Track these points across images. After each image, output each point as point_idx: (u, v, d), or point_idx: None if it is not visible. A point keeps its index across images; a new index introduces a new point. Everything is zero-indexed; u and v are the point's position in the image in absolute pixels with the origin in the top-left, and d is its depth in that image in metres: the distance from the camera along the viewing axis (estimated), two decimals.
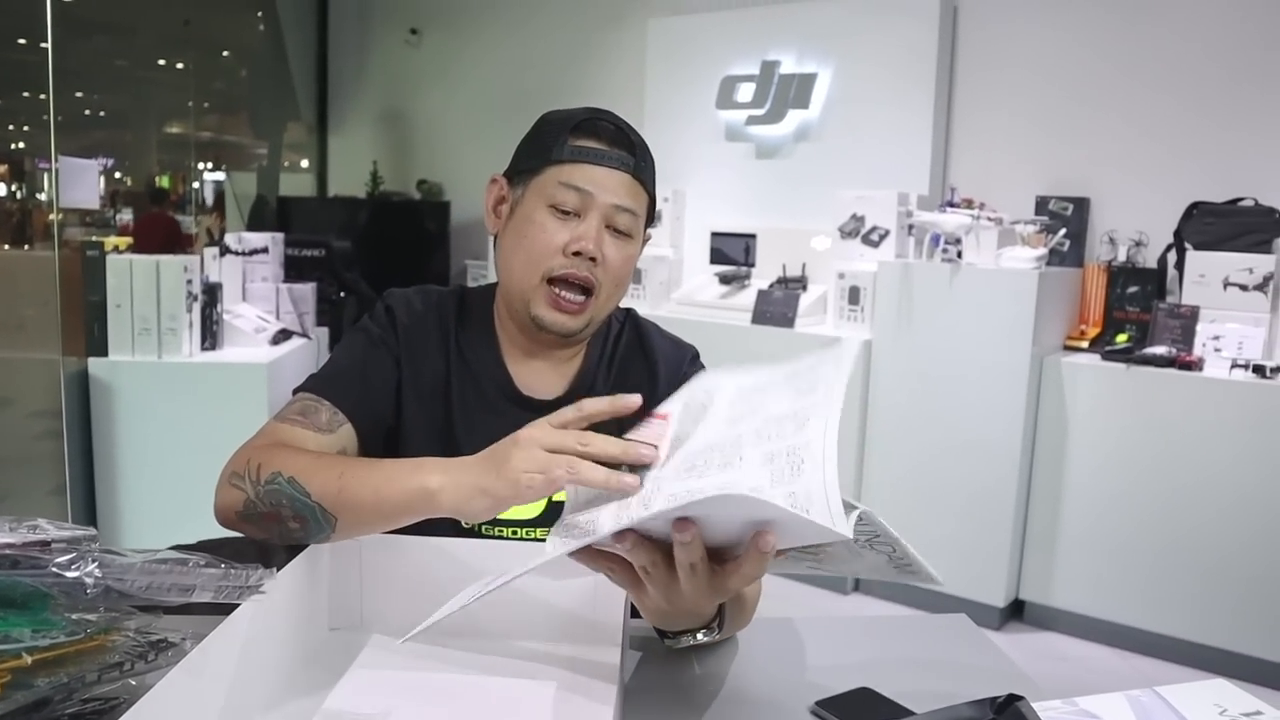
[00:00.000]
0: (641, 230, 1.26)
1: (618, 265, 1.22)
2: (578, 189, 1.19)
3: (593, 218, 1.19)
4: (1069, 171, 3.84)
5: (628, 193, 1.21)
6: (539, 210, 1.20)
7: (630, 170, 1.21)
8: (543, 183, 1.21)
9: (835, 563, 0.86)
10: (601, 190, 1.19)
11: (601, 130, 1.21)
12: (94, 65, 5.42)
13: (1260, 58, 3.44)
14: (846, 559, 0.85)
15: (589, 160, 1.19)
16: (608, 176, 1.19)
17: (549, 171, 1.20)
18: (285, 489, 1.04)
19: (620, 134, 1.22)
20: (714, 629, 0.98)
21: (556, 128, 1.22)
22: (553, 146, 1.20)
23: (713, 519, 0.75)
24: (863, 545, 0.81)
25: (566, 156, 1.19)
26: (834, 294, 3.81)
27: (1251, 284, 3.31)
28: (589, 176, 1.19)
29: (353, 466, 1.04)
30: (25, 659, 0.71)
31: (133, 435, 3.25)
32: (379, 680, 0.96)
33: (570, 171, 1.19)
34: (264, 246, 3.95)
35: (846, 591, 3.76)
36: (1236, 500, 3.05)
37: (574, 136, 1.20)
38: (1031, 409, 3.38)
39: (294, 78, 6.44)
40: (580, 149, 1.20)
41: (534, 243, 1.20)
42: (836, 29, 4.23)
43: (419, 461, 0.99)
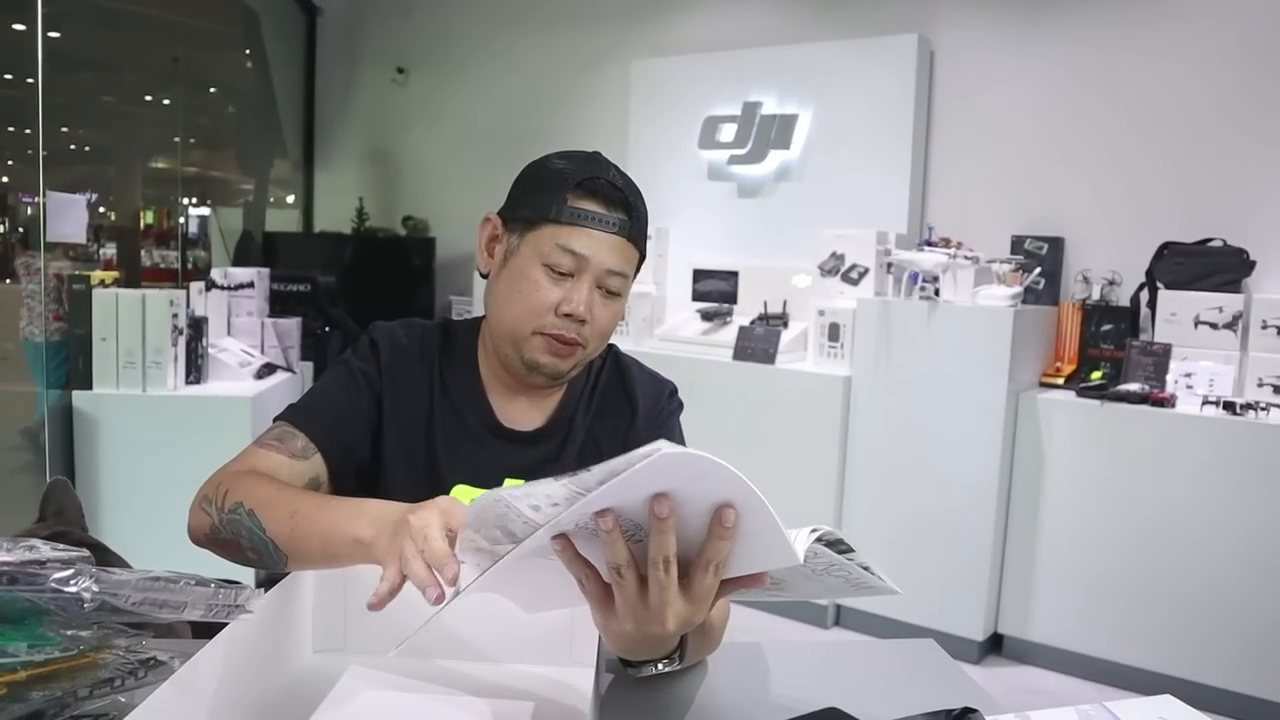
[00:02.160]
0: (629, 286, 1.30)
1: (604, 322, 1.27)
2: (574, 253, 1.21)
3: (585, 280, 1.22)
4: (1044, 211, 3.93)
5: (620, 256, 1.24)
6: (534, 268, 1.23)
7: (625, 234, 1.24)
8: (539, 239, 1.23)
9: (795, 588, 0.89)
10: (596, 254, 1.22)
11: (600, 191, 1.23)
12: (81, 101, 5.46)
13: (1230, 102, 3.54)
14: (805, 584, 0.87)
15: (586, 224, 1.22)
16: (604, 241, 1.22)
17: (546, 230, 1.22)
18: (244, 521, 1.08)
19: (618, 194, 1.23)
20: (675, 659, 0.99)
21: (556, 182, 1.23)
22: (552, 204, 1.22)
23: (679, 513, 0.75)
24: (820, 573, 0.84)
25: (565, 218, 1.21)
26: (814, 331, 3.86)
27: (1221, 322, 3.38)
28: (585, 241, 1.21)
29: (305, 506, 1.06)
30: (20, 674, 0.74)
31: (116, 468, 3.25)
32: (362, 702, 0.98)
33: (568, 235, 1.21)
34: (250, 281, 3.98)
35: (827, 625, 3.78)
36: (1210, 534, 3.10)
37: (574, 197, 1.22)
38: (1008, 445, 3.43)
39: (281, 115, 6.50)
40: (579, 212, 1.21)
41: (529, 300, 1.23)
42: (817, 71, 4.32)
43: (361, 508, 1.01)
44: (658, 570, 0.78)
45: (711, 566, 0.79)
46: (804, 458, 3.72)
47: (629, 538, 0.78)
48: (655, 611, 0.80)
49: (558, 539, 0.80)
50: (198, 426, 3.30)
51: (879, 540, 3.61)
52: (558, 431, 1.35)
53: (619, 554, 0.78)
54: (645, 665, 1.00)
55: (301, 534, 1.03)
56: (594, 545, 0.79)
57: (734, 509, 0.74)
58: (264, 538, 1.06)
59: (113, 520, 3.24)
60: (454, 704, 0.99)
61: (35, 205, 4.25)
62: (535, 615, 0.99)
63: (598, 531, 0.77)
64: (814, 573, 0.83)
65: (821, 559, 0.80)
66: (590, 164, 1.25)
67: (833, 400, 3.68)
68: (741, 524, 0.75)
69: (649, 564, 0.78)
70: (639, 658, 1.00)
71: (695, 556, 0.79)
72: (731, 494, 0.73)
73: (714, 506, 0.75)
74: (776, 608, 3.74)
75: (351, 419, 1.28)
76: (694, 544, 0.78)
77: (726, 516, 0.74)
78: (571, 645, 1.06)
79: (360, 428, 1.29)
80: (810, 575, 0.83)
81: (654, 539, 0.76)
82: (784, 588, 0.88)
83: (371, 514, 0.98)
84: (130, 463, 3.26)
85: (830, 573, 0.83)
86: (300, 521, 1.04)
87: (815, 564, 0.80)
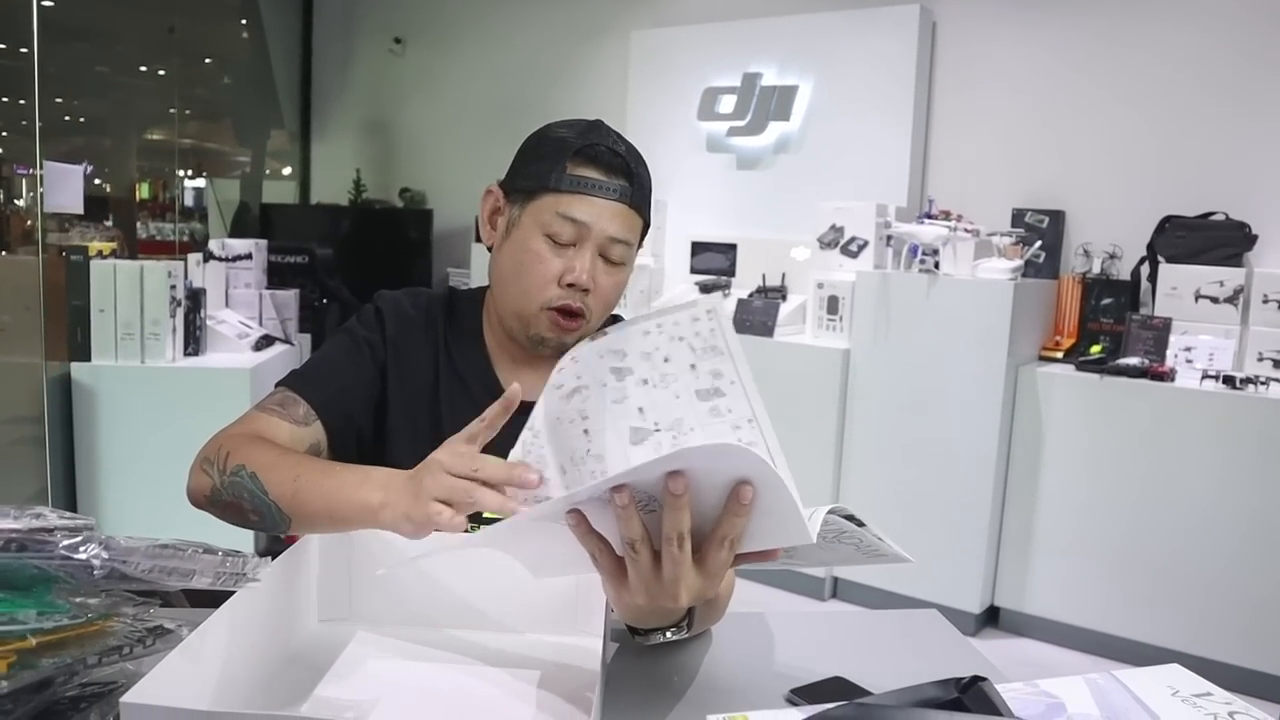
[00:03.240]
0: (634, 254, 1.28)
1: (608, 290, 1.25)
2: (574, 221, 1.19)
3: (587, 249, 1.20)
4: (1044, 185, 3.91)
5: (623, 223, 1.22)
6: (535, 239, 1.21)
7: (627, 200, 1.21)
8: (539, 209, 1.21)
9: (806, 555, 0.89)
10: (597, 222, 1.20)
11: (600, 158, 1.20)
12: (76, 71, 5.42)
13: (1232, 76, 3.52)
14: (816, 552, 0.88)
15: (586, 191, 1.19)
16: (605, 208, 1.20)
17: (546, 199, 1.20)
18: (246, 483, 1.07)
19: (619, 161, 1.21)
20: (683, 627, 1.00)
21: (556, 150, 1.21)
22: (551, 172, 1.20)
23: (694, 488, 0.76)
24: (831, 540, 0.84)
25: (565, 186, 1.19)
26: (813, 303, 3.85)
27: (1222, 296, 3.38)
28: (586, 209, 1.19)
29: (309, 470, 1.05)
30: (30, 641, 0.74)
31: (115, 440, 3.26)
32: (367, 671, 0.99)
33: (568, 203, 1.19)
34: (247, 253, 3.97)
35: (824, 598, 3.80)
36: (1208, 508, 3.11)
37: (573, 164, 1.20)
38: (1007, 418, 3.44)
39: (278, 85, 6.45)
40: (579, 179, 1.19)
41: (531, 273, 1.22)
42: (817, 42, 4.29)
43: (367, 474, 1.00)
44: (671, 546, 0.79)
45: (726, 542, 0.79)
46: (802, 430, 3.73)
47: (642, 508, 0.79)
48: (668, 586, 0.81)
49: (572, 513, 0.81)
50: (196, 398, 3.30)
51: (877, 513, 3.60)
52: None
53: (634, 530, 0.79)
54: (653, 633, 1.01)
55: (305, 498, 1.03)
56: (607, 517, 0.79)
57: (752, 486, 0.74)
58: (266, 500, 1.06)
59: (111, 491, 3.25)
60: (462, 671, 0.99)
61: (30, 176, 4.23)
62: (542, 583, 0.99)
63: (613, 506, 0.77)
64: (826, 541, 0.83)
65: (832, 526, 0.80)
66: (591, 131, 1.23)
67: (831, 373, 3.68)
68: (758, 500, 0.75)
69: (663, 540, 0.79)
70: (647, 626, 1.00)
71: (710, 531, 0.80)
72: (750, 472, 0.74)
73: (730, 482, 0.75)
74: (773, 580, 3.76)
75: (354, 388, 1.27)
76: (709, 518, 0.79)
77: (744, 494, 0.75)
78: (576, 614, 1.06)
79: (363, 397, 1.28)
80: (822, 543, 0.83)
81: (669, 515, 0.77)
82: (795, 555, 0.89)
83: (379, 479, 0.98)
84: (129, 434, 3.26)
85: (841, 540, 0.83)
86: (305, 485, 1.03)
87: (826, 531, 0.80)
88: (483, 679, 0.98)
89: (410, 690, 0.95)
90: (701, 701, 0.97)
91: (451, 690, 0.96)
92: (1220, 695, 0.74)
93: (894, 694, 0.69)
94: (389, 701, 0.92)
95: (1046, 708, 0.71)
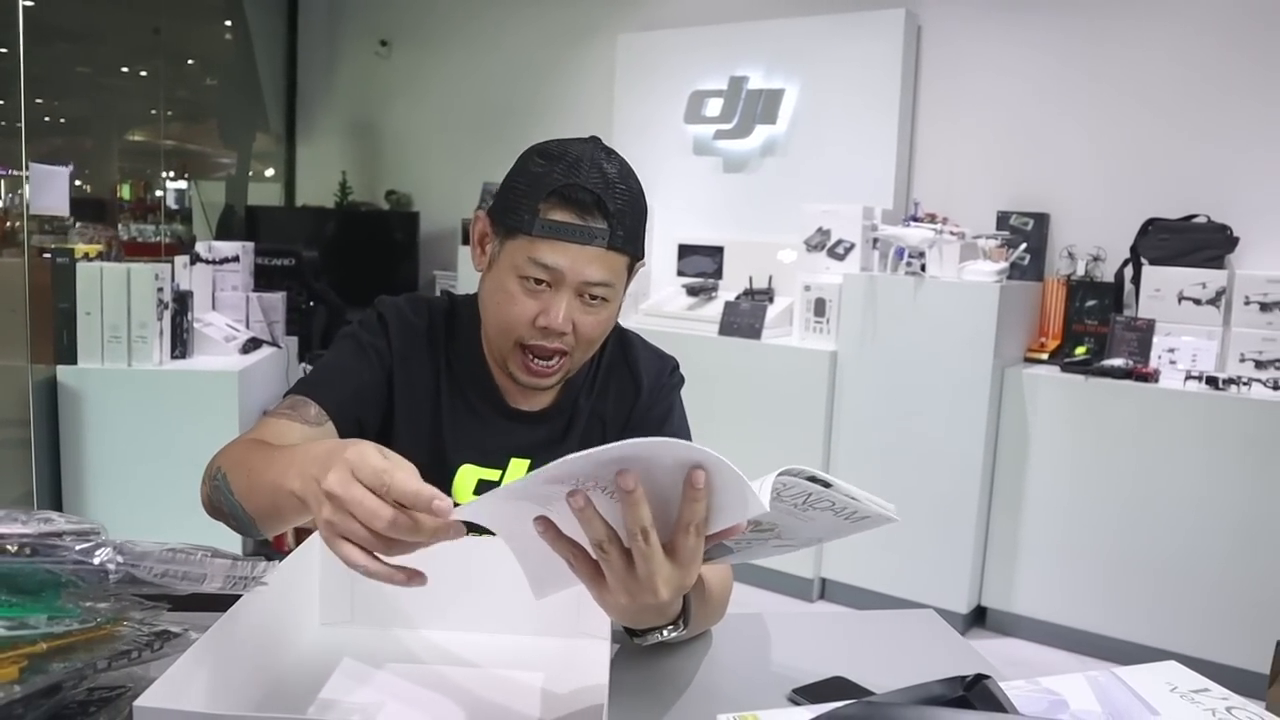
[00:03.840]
0: (621, 289, 1.23)
1: (589, 329, 1.21)
2: (547, 267, 1.15)
3: (563, 293, 1.17)
4: (1029, 188, 3.94)
5: (601, 267, 1.16)
6: (510, 279, 1.18)
7: (605, 244, 1.15)
8: (514, 250, 1.17)
9: (792, 534, 0.89)
10: (572, 268, 1.15)
11: (575, 200, 1.14)
12: (59, 72, 5.39)
13: (1215, 81, 3.56)
14: (798, 527, 0.88)
15: (560, 237, 1.14)
16: (580, 254, 1.15)
17: (520, 241, 1.16)
18: (221, 486, 1.07)
19: (596, 204, 1.14)
20: (679, 625, 0.99)
21: (532, 189, 1.16)
22: (525, 213, 1.15)
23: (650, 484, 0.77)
24: (803, 508, 0.84)
25: (537, 231, 1.14)
26: (800, 306, 3.87)
27: (1205, 298, 3.42)
28: (559, 255, 1.15)
29: (258, 462, 1.01)
30: (41, 645, 0.74)
31: (101, 443, 3.24)
32: (370, 673, 0.99)
33: (542, 250, 1.15)
34: (234, 255, 3.95)
35: (812, 599, 3.81)
36: (1192, 507, 3.14)
37: (546, 207, 1.14)
38: (993, 419, 3.46)
39: (263, 87, 6.43)
40: (551, 225, 1.14)
41: (506, 313, 1.20)
42: (804, 46, 4.31)
43: (292, 458, 0.92)
44: (637, 541, 0.79)
45: (691, 528, 0.80)
46: (790, 432, 3.74)
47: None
48: (645, 581, 0.81)
49: (539, 520, 0.82)
50: (184, 401, 3.29)
51: None
52: (563, 411, 1.35)
53: (597, 530, 0.79)
54: (650, 633, 1.00)
55: (254, 490, 1.00)
56: (575, 521, 0.80)
57: (703, 469, 0.76)
58: (234, 501, 1.04)
59: (98, 495, 3.24)
60: (466, 674, 1.00)
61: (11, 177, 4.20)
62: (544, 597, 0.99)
63: (572, 510, 0.78)
64: (798, 509, 0.83)
65: (793, 490, 0.80)
66: (572, 167, 1.15)
67: (819, 375, 3.70)
68: (711, 481, 0.77)
69: (628, 536, 0.79)
70: (642, 626, 1.00)
71: (674, 520, 0.80)
72: (690, 456, 0.76)
73: (679, 470, 0.77)
74: (762, 581, 3.77)
75: (364, 391, 1.27)
76: (671, 507, 0.80)
77: (697, 478, 0.76)
78: (580, 616, 1.07)
79: (372, 401, 1.28)
80: (796, 513, 0.84)
81: (627, 512, 0.78)
82: (782, 535, 0.89)
83: (302, 463, 0.89)
84: (115, 437, 3.25)
85: (815, 506, 0.83)
86: (254, 479, 1.00)
87: (792, 497, 0.81)
88: (488, 681, 0.98)
89: (415, 692, 0.95)
90: (704, 702, 0.98)
91: (456, 692, 0.96)
92: (1217, 691, 0.76)
93: (900, 692, 0.70)
94: (395, 702, 0.93)
95: (1050, 704, 0.72)
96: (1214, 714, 0.72)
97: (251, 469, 1.02)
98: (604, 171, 1.16)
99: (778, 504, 0.80)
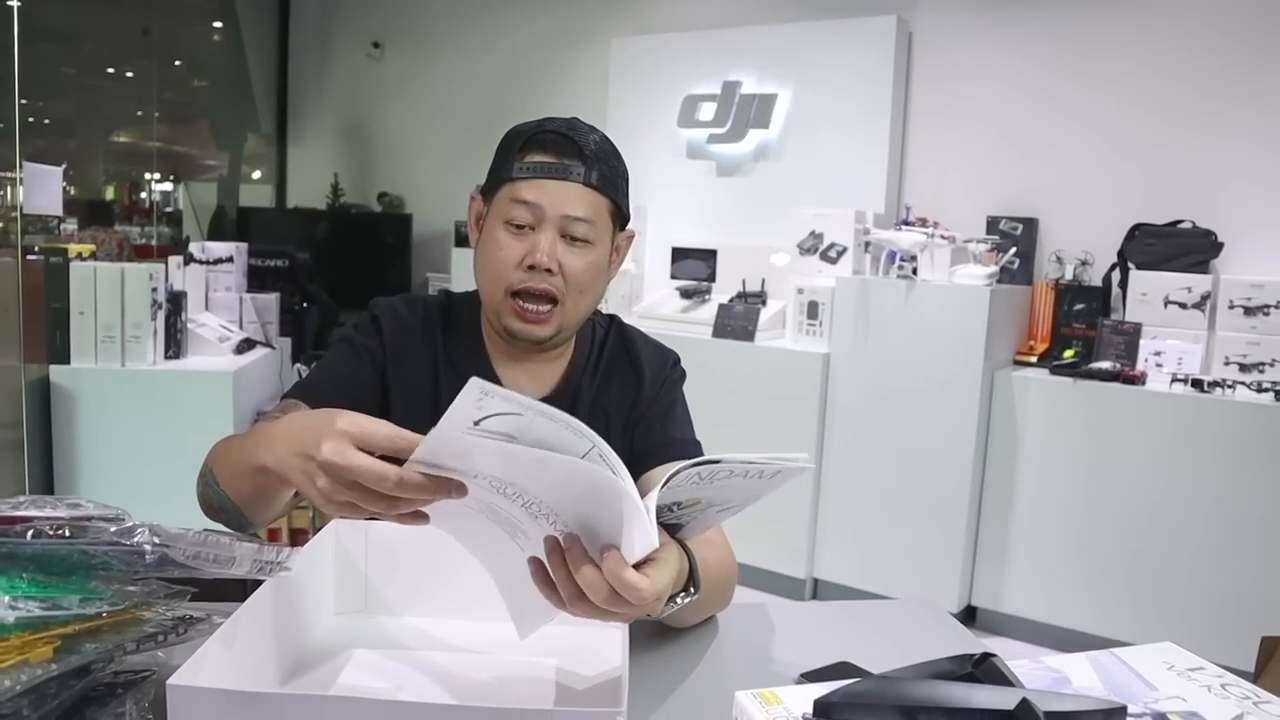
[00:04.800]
0: (606, 237, 1.28)
1: (578, 272, 1.25)
2: (527, 203, 1.22)
3: (546, 230, 1.22)
4: (1018, 193, 3.99)
5: (580, 202, 1.23)
6: (498, 228, 1.24)
7: (581, 180, 1.22)
8: (499, 200, 1.25)
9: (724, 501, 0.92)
10: (552, 203, 1.22)
11: (549, 143, 1.23)
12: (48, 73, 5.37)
13: (1200, 88, 3.61)
14: (725, 496, 0.90)
15: (538, 175, 1.22)
16: (558, 189, 1.22)
17: (504, 189, 1.24)
18: (209, 480, 1.08)
19: (569, 144, 1.23)
20: (690, 591, 0.97)
21: (511, 144, 1.26)
22: (505, 164, 1.24)
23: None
24: (708, 484, 0.87)
25: (517, 174, 1.22)
26: (793, 309, 3.90)
27: (1190, 302, 3.46)
28: (538, 191, 1.22)
29: (239, 446, 1.03)
30: (71, 627, 0.76)
31: (95, 443, 3.24)
32: (384, 662, 1.01)
33: (521, 188, 1.22)
34: (228, 256, 3.96)
35: (804, 598, 3.84)
36: (1178, 508, 3.18)
37: (524, 152, 1.23)
38: (983, 421, 3.50)
39: (254, 89, 6.43)
40: (529, 165, 1.22)
41: (493, 260, 1.24)
42: (796, 51, 4.35)
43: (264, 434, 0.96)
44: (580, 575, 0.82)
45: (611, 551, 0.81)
46: (783, 434, 3.77)
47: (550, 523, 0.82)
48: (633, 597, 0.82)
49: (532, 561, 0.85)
50: (177, 401, 3.29)
51: (855, 514, 3.68)
52: (563, 400, 1.37)
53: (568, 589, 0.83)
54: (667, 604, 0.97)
55: (236, 476, 1.02)
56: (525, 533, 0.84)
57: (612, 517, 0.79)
58: (221, 492, 1.06)
59: (92, 495, 3.20)
60: (480, 659, 1.01)
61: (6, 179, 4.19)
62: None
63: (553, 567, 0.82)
64: (703, 482, 0.86)
65: (686, 481, 0.84)
66: (548, 121, 1.26)
67: (811, 377, 3.73)
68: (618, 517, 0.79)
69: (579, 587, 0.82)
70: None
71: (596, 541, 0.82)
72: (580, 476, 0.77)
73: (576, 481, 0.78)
74: (754, 581, 3.79)
75: (359, 394, 1.28)
76: (587, 521, 0.82)
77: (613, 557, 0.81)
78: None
79: (367, 403, 1.28)
80: (704, 485, 0.86)
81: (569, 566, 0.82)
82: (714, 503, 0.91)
83: (273, 437, 0.92)
84: (108, 437, 3.25)
85: (716, 479, 0.86)
86: (232, 464, 1.02)
87: (690, 485, 0.85)
88: (501, 667, 1.00)
89: (430, 679, 0.97)
90: (714, 687, 1.00)
91: (471, 678, 0.98)
92: (1212, 669, 0.79)
93: (910, 669, 0.72)
94: (413, 685, 0.94)
95: (1053, 681, 0.75)
96: (1210, 690, 0.74)
97: (230, 456, 1.04)
98: (580, 126, 1.27)
99: (678, 490, 0.84)
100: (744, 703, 0.70)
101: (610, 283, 1.37)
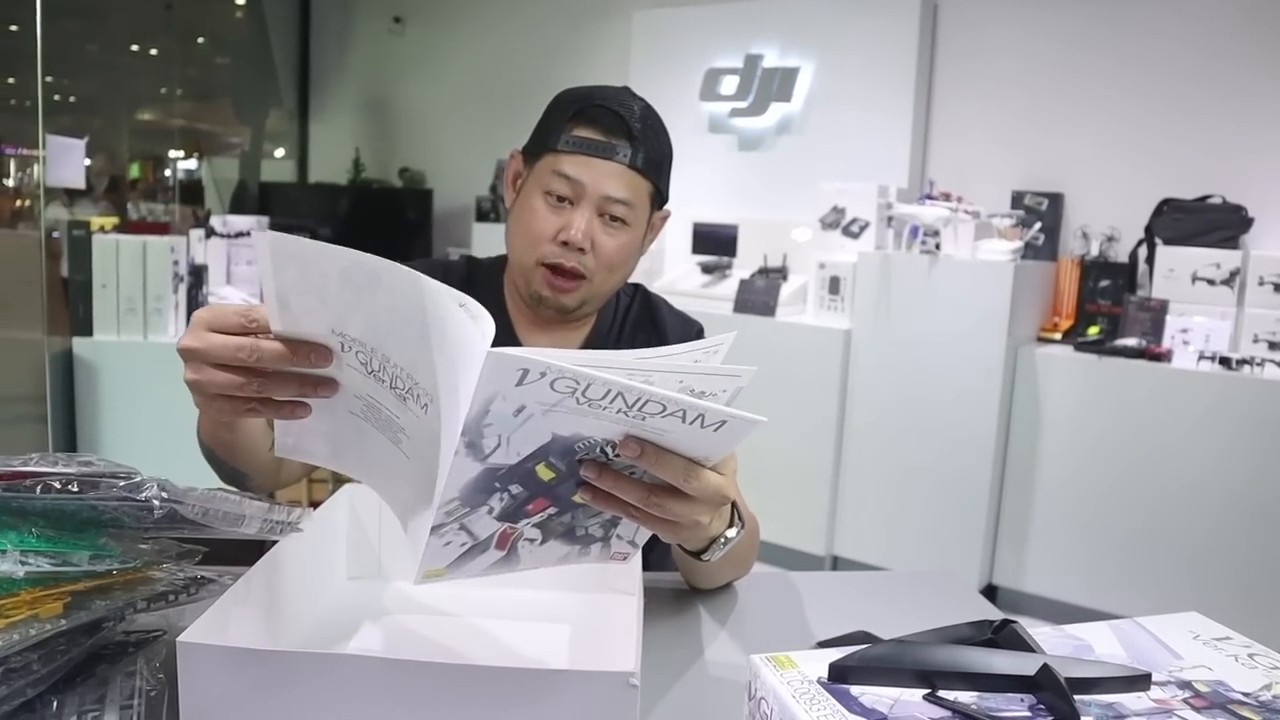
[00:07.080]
0: (642, 218, 1.26)
1: (610, 252, 1.23)
2: (568, 179, 1.20)
3: (584, 208, 1.21)
4: (1044, 167, 3.93)
5: (622, 184, 1.21)
6: (536, 195, 1.22)
7: (626, 162, 1.20)
8: (542, 168, 1.23)
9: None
10: (594, 182, 1.20)
11: (600, 119, 1.20)
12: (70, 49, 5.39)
13: (1230, 61, 3.54)
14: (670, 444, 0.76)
15: (583, 151, 1.20)
16: (602, 168, 1.20)
17: (547, 158, 1.22)
18: (201, 441, 1.08)
19: (618, 122, 1.20)
20: (736, 525, 0.95)
21: (561, 112, 1.23)
22: (552, 133, 1.22)
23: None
24: (655, 415, 0.70)
25: (563, 146, 1.20)
26: (814, 284, 3.87)
27: (1218, 279, 3.41)
28: (581, 168, 1.20)
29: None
30: (82, 584, 0.75)
31: (118, 416, 3.26)
32: (398, 624, 1.00)
33: (564, 162, 1.20)
34: (249, 230, 3.96)
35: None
36: (1205, 488, 3.15)
37: (573, 125, 1.21)
38: (1006, 398, 3.47)
39: (276, 64, 6.43)
40: (576, 140, 1.20)
41: (529, 228, 1.23)
42: (819, 24, 4.30)
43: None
44: (686, 482, 0.75)
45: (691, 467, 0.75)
46: (803, 410, 3.75)
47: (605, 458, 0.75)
48: (706, 501, 0.77)
49: (588, 466, 0.75)
50: None
51: (875, 491, 3.66)
52: None
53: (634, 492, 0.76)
54: (712, 547, 0.95)
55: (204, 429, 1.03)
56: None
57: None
58: (209, 449, 1.07)
59: None
60: (494, 625, 1.01)
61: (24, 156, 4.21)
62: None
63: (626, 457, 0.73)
64: (638, 410, 0.70)
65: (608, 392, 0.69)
66: (599, 93, 1.23)
67: (832, 353, 3.70)
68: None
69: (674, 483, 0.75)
70: (701, 546, 0.95)
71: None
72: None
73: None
74: (773, 558, 3.78)
75: None
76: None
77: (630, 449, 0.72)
78: (606, 571, 1.07)
79: None
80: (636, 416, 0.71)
81: (658, 471, 0.73)
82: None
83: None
84: (132, 409, 3.27)
85: (664, 415, 0.70)
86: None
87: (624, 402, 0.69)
88: (515, 633, 0.99)
89: (442, 644, 0.96)
90: (730, 652, 0.99)
91: (484, 643, 0.97)
92: (1239, 639, 0.77)
93: (930, 633, 0.71)
94: (422, 654, 0.94)
95: (1075, 649, 0.73)
96: (1236, 659, 0.73)
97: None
98: (631, 101, 1.24)
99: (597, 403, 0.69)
100: (758, 667, 0.69)
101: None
